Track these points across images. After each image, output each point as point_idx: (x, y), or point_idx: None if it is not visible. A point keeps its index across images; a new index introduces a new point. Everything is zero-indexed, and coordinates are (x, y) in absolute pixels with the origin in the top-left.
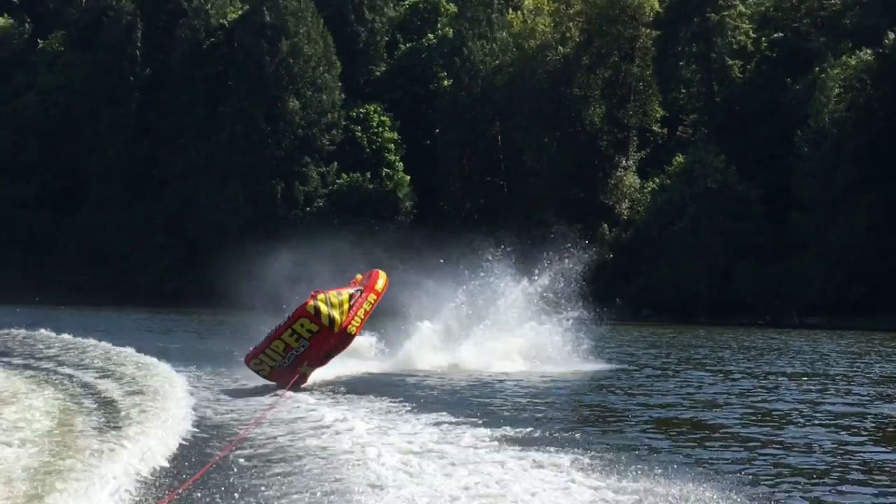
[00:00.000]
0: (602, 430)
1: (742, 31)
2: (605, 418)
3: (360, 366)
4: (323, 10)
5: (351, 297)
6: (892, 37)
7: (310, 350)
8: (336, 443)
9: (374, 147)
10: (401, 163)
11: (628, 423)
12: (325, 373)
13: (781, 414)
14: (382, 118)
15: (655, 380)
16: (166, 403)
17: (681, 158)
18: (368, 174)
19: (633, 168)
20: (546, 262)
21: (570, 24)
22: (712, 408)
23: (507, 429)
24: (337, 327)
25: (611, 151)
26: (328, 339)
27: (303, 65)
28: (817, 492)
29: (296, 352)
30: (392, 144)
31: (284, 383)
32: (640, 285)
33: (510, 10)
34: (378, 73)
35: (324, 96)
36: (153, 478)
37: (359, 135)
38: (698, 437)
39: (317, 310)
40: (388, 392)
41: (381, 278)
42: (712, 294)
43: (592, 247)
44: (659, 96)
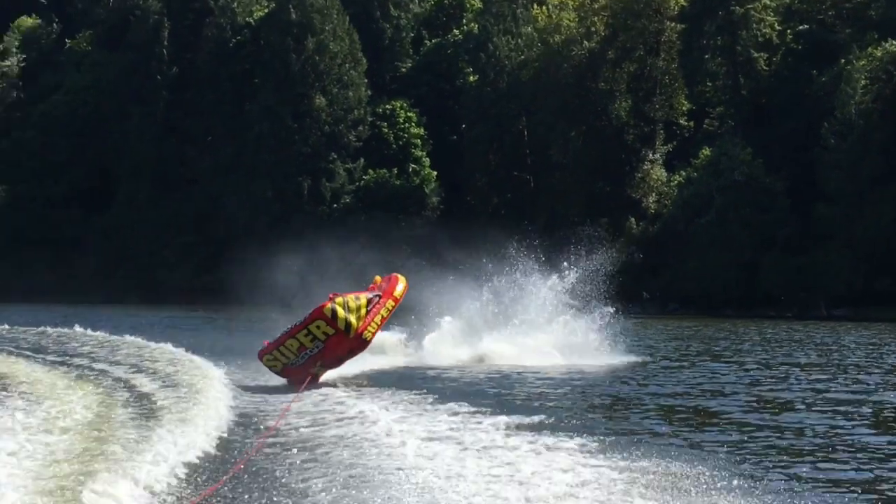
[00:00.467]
0: (609, 416)
1: (767, 23)
2: (613, 406)
3: (384, 360)
4: (348, 7)
5: (369, 301)
6: None
7: (323, 352)
8: (360, 432)
9: (400, 143)
10: (427, 158)
11: (635, 411)
12: (350, 367)
13: (784, 401)
14: (409, 114)
15: (671, 371)
16: (202, 396)
17: (707, 151)
18: (395, 170)
19: (660, 161)
20: (573, 259)
21: (595, 19)
22: (718, 396)
23: (521, 417)
24: (353, 332)
25: (637, 145)
26: (343, 343)
27: (329, 62)
28: (796, 468)
29: (309, 352)
30: (418, 140)
31: (295, 381)
32: (666, 279)
33: (535, 6)
34: (404, 70)
35: (350, 93)
36: (190, 470)
37: (385, 131)
38: (699, 422)
39: (334, 313)
40: (410, 384)
41: (400, 283)
42: (739, 287)
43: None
44: (685, 89)
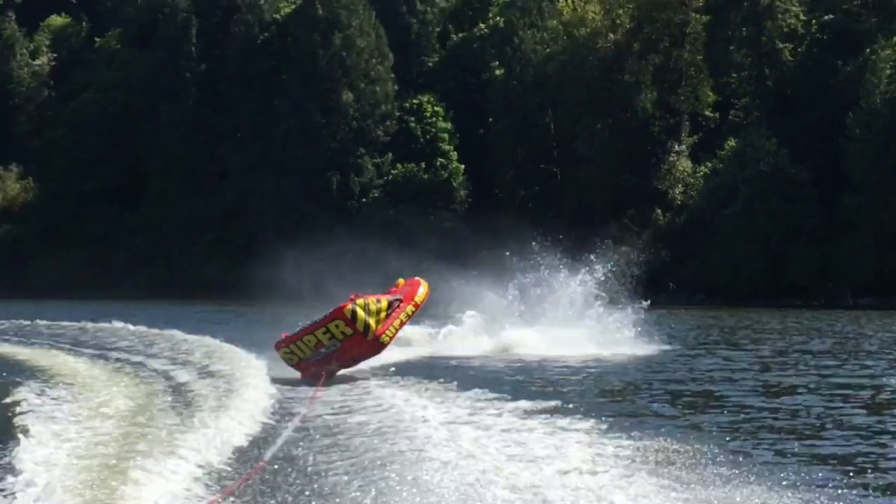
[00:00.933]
0: (619, 400)
1: (792, 13)
2: (624, 391)
3: (409, 351)
4: (375, 3)
5: (390, 304)
6: None
7: (339, 351)
8: (384, 418)
9: (427, 137)
10: (455, 152)
11: (643, 395)
12: (375, 358)
13: (787, 385)
14: (436, 108)
15: (685, 359)
16: (241, 385)
17: (732, 142)
18: (423, 164)
19: (686, 153)
20: (601, 250)
21: (620, 11)
22: (726, 382)
23: (538, 402)
24: (371, 335)
25: (663, 137)
26: (360, 345)
27: (356, 57)
28: (783, 445)
29: (326, 350)
30: (446, 134)
31: (309, 376)
32: (693, 269)
33: None
34: (430, 64)
35: (377, 88)
36: (231, 455)
37: (413, 125)
38: (701, 405)
39: (353, 314)
40: (433, 373)
41: (421, 288)
42: (765, 277)
43: (643, 237)
44: (710, 81)
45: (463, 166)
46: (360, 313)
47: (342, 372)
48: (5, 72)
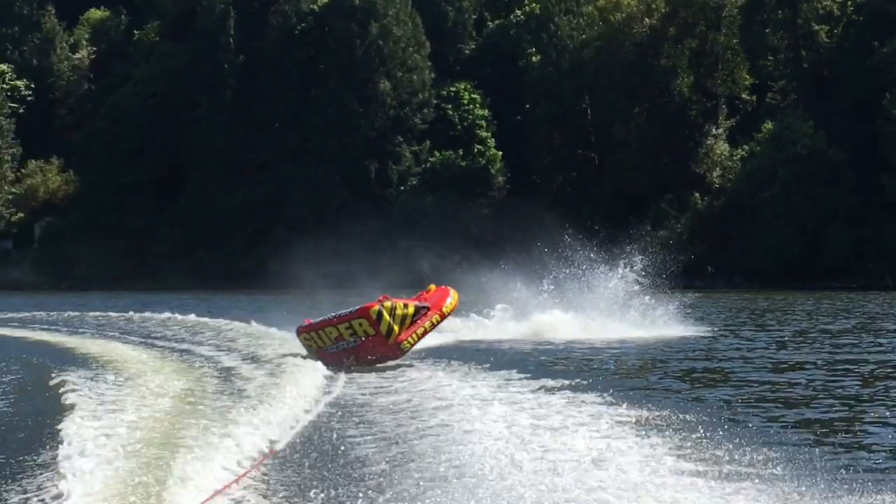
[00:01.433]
0: (632, 377)
1: None
2: (642, 369)
3: (439, 337)
4: None
5: (417, 311)
6: None
7: (359, 348)
8: (413, 397)
9: (465, 124)
10: (492, 139)
11: (656, 373)
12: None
13: (796, 362)
14: (473, 96)
15: (708, 340)
16: (291, 367)
17: (769, 125)
18: (461, 151)
19: (723, 136)
20: (637, 240)
21: None
22: (740, 360)
23: (560, 380)
24: (392, 339)
25: (700, 120)
26: (379, 346)
27: (393, 46)
28: (773, 412)
29: (345, 344)
30: (483, 121)
31: (326, 363)
32: (731, 253)
33: None
34: (467, 52)
35: (414, 76)
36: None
37: (450, 113)
38: (708, 380)
39: (379, 316)
40: (463, 356)
41: (450, 298)
42: (804, 259)
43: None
44: (746, 64)
45: (500, 153)
46: (386, 317)
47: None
48: (45, 66)
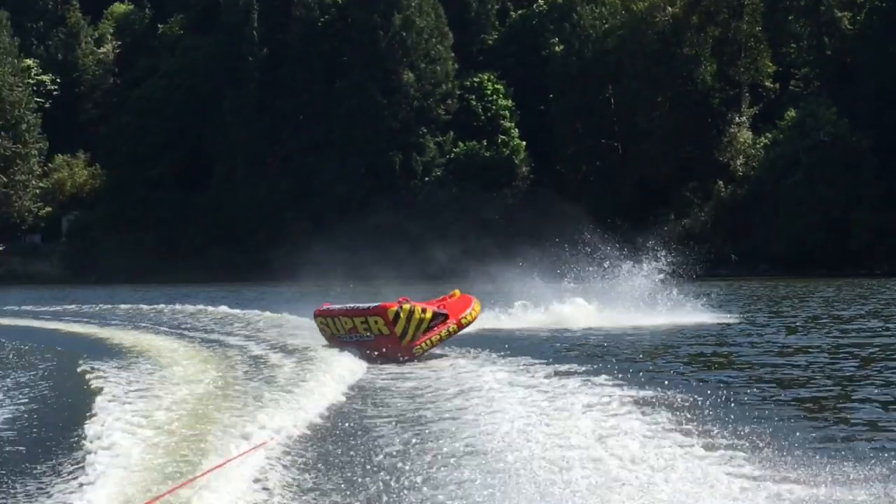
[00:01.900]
0: (640, 361)
1: None
2: (652, 354)
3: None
4: None
5: (434, 317)
6: None
7: (370, 343)
8: (432, 383)
9: (489, 115)
10: (516, 129)
11: (665, 357)
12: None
13: (800, 347)
14: (496, 86)
15: (721, 327)
16: (322, 355)
17: (793, 112)
18: (484, 142)
19: (746, 124)
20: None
21: None
22: (747, 345)
23: (574, 365)
24: (405, 342)
25: (723, 108)
26: (392, 346)
27: (416, 37)
28: (768, 391)
29: (358, 337)
30: (507, 111)
31: (338, 347)
32: (755, 240)
33: None
34: (490, 42)
35: (437, 67)
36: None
37: (473, 103)
38: (713, 364)
39: (396, 317)
40: (486, 343)
41: (470, 308)
42: (828, 246)
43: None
44: (769, 51)
45: (524, 143)
46: (402, 319)
47: None
48: (71, 60)
